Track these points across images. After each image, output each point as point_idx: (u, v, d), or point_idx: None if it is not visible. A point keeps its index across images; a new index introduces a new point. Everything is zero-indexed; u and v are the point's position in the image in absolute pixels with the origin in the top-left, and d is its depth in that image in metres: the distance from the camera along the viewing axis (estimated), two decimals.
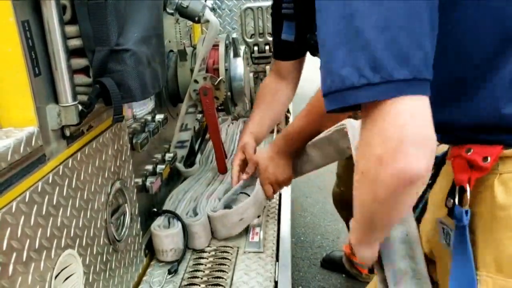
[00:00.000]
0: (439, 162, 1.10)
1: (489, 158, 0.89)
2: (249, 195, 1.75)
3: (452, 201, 0.96)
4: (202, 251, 1.69)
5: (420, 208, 1.19)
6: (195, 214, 1.74)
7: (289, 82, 1.97)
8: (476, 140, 0.92)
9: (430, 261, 1.13)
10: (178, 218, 1.67)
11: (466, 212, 0.92)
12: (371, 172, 0.77)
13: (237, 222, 1.71)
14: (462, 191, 0.95)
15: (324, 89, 0.80)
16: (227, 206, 1.77)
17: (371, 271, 2.52)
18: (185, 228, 1.64)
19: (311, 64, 1.95)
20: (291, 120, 2.70)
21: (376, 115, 0.74)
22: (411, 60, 0.72)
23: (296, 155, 1.75)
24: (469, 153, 0.91)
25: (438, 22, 0.77)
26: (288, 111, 2.75)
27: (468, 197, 0.92)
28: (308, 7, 1.69)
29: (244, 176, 1.82)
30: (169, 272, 1.55)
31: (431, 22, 0.75)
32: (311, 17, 1.79)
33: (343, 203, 2.51)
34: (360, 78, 0.73)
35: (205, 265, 1.61)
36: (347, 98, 0.75)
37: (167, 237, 1.60)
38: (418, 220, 1.18)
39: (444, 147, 1.07)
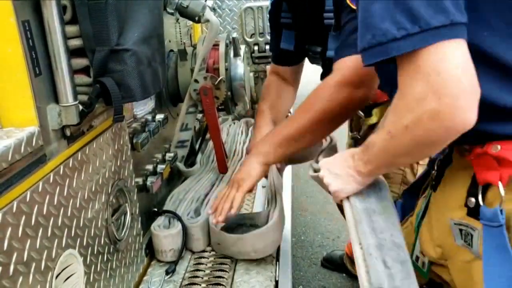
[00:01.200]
0: (441, 164, 1.09)
1: None
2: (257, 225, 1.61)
3: (474, 200, 0.93)
4: (203, 250, 1.69)
5: (420, 216, 1.17)
6: (198, 215, 1.74)
7: (291, 84, 1.98)
8: (500, 136, 0.89)
9: (437, 265, 1.12)
10: (179, 218, 1.67)
11: (501, 211, 0.88)
12: (421, 125, 0.81)
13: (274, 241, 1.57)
14: (485, 190, 0.92)
15: (364, 44, 0.84)
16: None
17: None
18: (185, 229, 1.64)
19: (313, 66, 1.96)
20: None
21: (424, 67, 0.78)
22: (444, 6, 0.76)
23: (279, 161, 1.64)
24: (496, 150, 0.89)
25: None
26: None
27: (503, 195, 0.88)
28: (307, 18, 1.70)
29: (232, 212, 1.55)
30: (167, 273, 1.55)
31: None
32: (310, 28, 1.79)
33: None
34: (400, 30, 0.78)
35: (206, 265, 1.61)
36: (389, 50, 0.80)
37: (166, 237, 1.60)
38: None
39: None
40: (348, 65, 1.40)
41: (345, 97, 1.40)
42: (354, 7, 1.41)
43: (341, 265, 2.79)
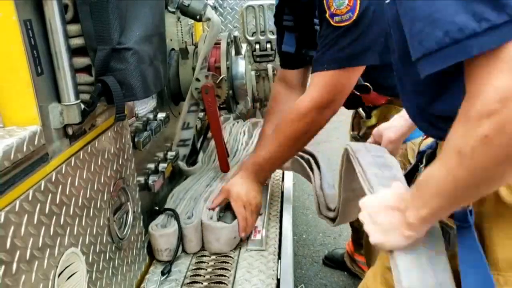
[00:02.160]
0: (430, 157, 1.09)
1: None
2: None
3: None
4: (202, 248, 1.69)
5: None
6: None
7: (298, 90, 1.98)
8: None
9: None
10: (176, 218, 1.66)
11: (470, 211, 0.89)
12: (507, 130, 0.64)
13: (232, 239, 1.66)
14: None
15: (430, 46, 0.69)
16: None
17: None
18: (181, 229, 1.63)
19: None
20: None
21: (509, 60, 0.64)
22: None
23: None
24: None
25: None
26: None
27: None
28: (307, 22, 1.72)
29: (213, 205, 1.73)
30: (162, 274, 1.54)
31: None
32: (307, 32, 1.84)
33: None
34: (481, 22, 0.64)
35: (208, 263, 1.61)
36: (468, 49, 0.66)
37: (162, 236, 1.59)
38: None
39: (428, 140, 1.05)
40: (321, 83, 1.55)
41: (313, 118, 1.58)
42: (333, 23, 1.50)
43: (342, 263, 2.79)
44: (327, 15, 1.50)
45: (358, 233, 2.49)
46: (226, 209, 1.77)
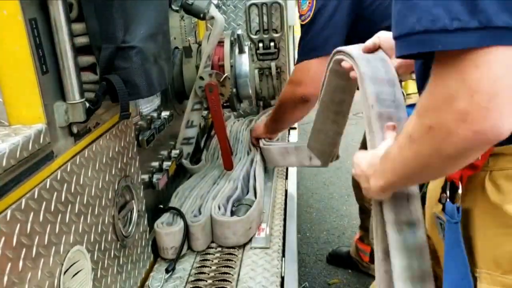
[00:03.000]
0: None
1: (479, 156, 0.87)
2: (249, 205, 1.76)
3: (445, 196, 0.97)
4: (209, 247, 1.70)
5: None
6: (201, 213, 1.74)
7: None
8: None
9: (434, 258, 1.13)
10: (181, 216, 1.67)
11: (458, 208, 0.93)
12: (446, 127, 0.68)
13: (248, 230, 1.70)
14: (454, 187, 0.95)
15: (403, 29, 0.69)
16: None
17: (372, 260, 2.52)
18: (187, 227, 1.64)
19: None
20: None
21: (464, 65, 0.64)
22: None
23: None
24: None
25: None
26: None
27: (460, 194, 0.92)
28: None
29: None
30: (167, 271, 1.55)
31: None
32: None
33: None
34: (453, 21, 0.64)
35: (212, 261, 1.61)
36: (435, 42, 0.66)
37: (168, 235, 1.60)
38: None
39: None
40: (299, 68, 1.87)
41: (289, 91, 1.94)
42: (301, 22, 1.81)
43: (346, 261, 2.79)
44: (300, 11, 1.81)
45: (365, 213, 2.50)
46: (238, 203, 1.81)
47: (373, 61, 1.10)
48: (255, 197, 1.84)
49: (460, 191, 0.93)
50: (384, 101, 1.04)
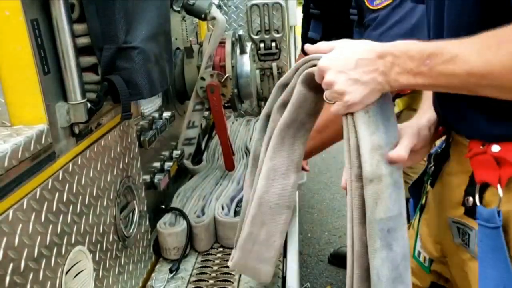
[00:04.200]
0: (439, 158, 1.08)
1: None
2: None
3: (472, 200, 0.91)
4: (211, 247, 1.69)
5: (418, 209, 1.16)
6: (204, 213, 1.74)
7: None
8: (500, 137, 0.86)
9: (437, 263, 1.11)
10: (184, 216, 1.67)
11: (499, 212, 0.86)
12: None
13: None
14: (483, 189, 0.90)
15: None
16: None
17: None
18: (190, 228, 1.64)
19: None
20: None
21: None
22: None
23: None
24: (497, 151, 0.86)
25: None
26: None
27: (501, 196, 0.85)
28: (334, 12, 1.75)
29: None
30: (170, 271, 1.55)
31: None
32: (337, 21, 1.89)
33: None
34: None
35: (214, 261, 1.61)
36: None
37: (170, 235, 1.60)
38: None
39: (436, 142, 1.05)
40: None
41: None
42: (371, 6, 1.51)
43: None
44: (366, 2, 1.53)
45: None
46: (240, 203, 1.79)
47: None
48: None
49: (501, 193, 0.85)
50: None
